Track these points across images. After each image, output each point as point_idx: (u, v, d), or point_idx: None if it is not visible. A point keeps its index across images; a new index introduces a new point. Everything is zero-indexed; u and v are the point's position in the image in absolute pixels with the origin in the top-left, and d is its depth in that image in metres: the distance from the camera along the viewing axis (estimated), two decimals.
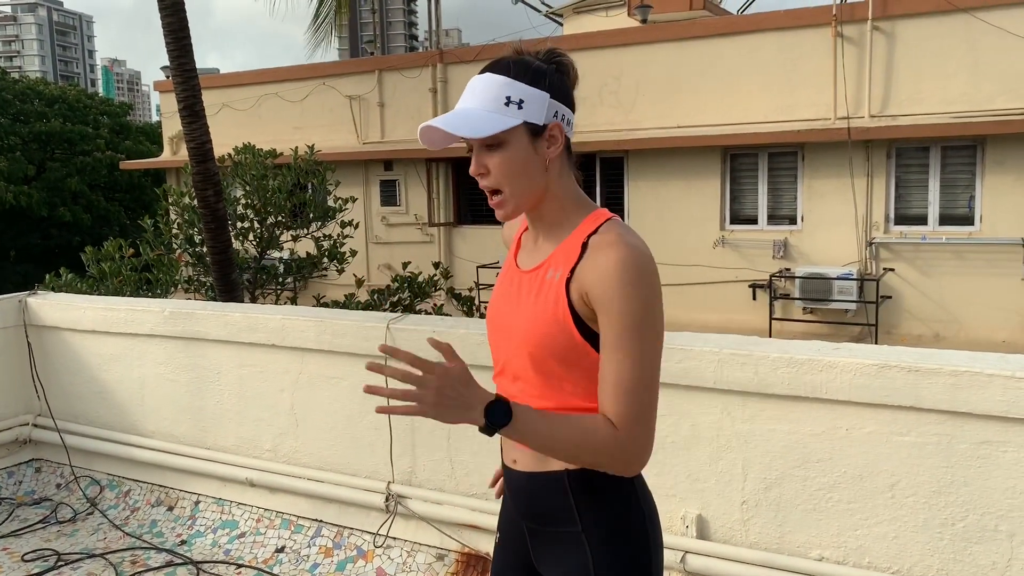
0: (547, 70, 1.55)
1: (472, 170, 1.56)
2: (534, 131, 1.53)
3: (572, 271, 1.51)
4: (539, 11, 17.66)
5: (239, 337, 3.81)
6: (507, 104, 1.51)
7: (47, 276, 7.93)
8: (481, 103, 1.53)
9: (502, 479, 1.80)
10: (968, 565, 2.48)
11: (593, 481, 1.55)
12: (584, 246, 1.52)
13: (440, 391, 1.38)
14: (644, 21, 13.86)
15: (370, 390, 1.40)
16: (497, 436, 1.73)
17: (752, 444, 2.74)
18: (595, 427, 1.46)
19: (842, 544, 2.64)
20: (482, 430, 1.43)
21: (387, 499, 3.44)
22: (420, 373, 1.38)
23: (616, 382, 1.46)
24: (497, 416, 1.41)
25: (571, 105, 1.59)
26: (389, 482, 3.46)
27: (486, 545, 3.24)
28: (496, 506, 2.87)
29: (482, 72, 1.56)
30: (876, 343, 10.06)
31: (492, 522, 3.05)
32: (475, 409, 1.40)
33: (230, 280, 7.35)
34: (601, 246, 1.49)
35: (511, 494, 1.70)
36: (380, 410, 1.40)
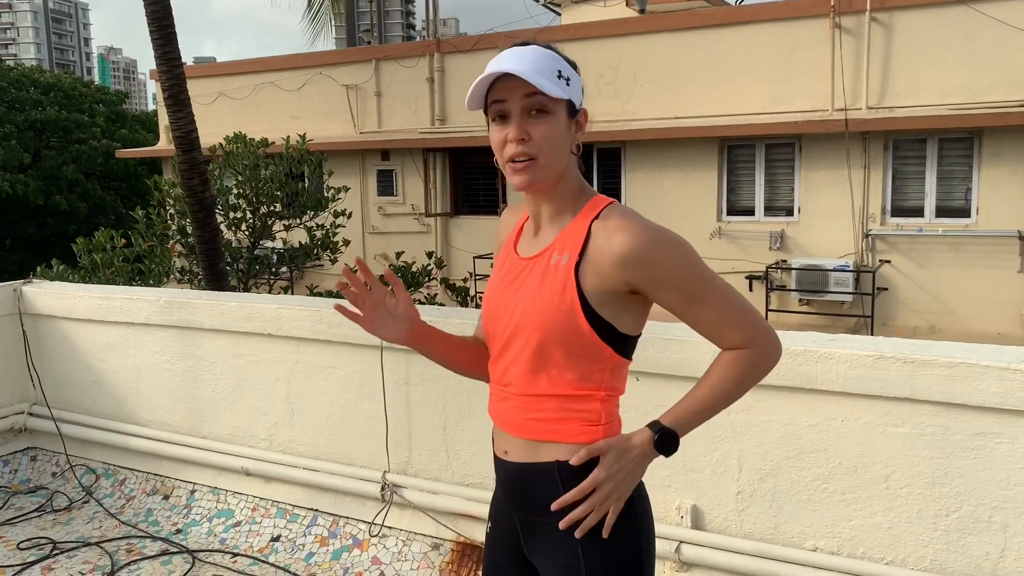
0: (573, 62, 1.60)
1: (513, 135, 1.52)
2: (571, 112, 1.56)
3: (581, 255, 1.52)
4: (537, 0, 17.61)
5: (235, 326, 3.80)
6: (559, 77, 1.53)
7: (38, 267, 7.91)
8: (537, 68, 1.50)
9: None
10: (961, 556, 2.49)
11: (584, 473, 1.55)
12: (589, 230, 1.53)
13: (618, 482, 1.52)
14: (642, 11, 13.82)
15: (566, 524, 1.54)
16: (489, 425, 1.74)
17: (747, 435, 2.74)
18: (732, 366, 1.55)
19: (836, 535, 2.65)
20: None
21: (383, 488, 3.44)
22: (593, 487, 1.51)
23: (718, 322, 1.54)
24: (671, 450, 1.56)
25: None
26: (385, 471, 3.47)
27: (481, 535, 3.25)
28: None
29: (526, 44, 1.55)
30: (872, 335, 10.08)
31: (487, 512, 3.05)
32: (648, 456, 1.55)
33: (217, 269, 7.33)
34: (611, 231, 1.50)
35: (502, 484, 1.70)
36: (608, 533, 1.54)
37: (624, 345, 1.57)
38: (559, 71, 1.53)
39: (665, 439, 1.54)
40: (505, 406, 1.64)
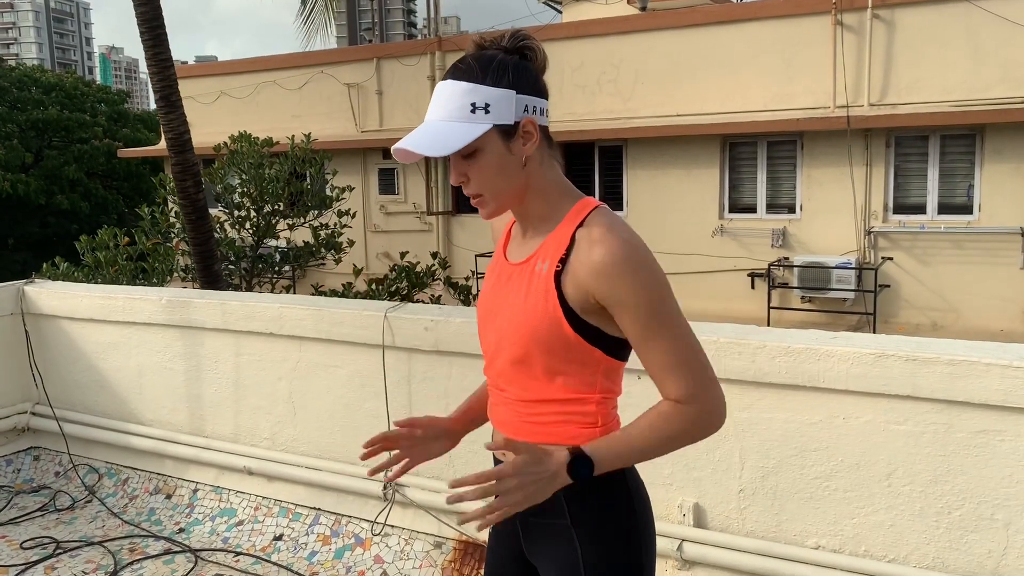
0: (510, 63, 1.51)
1: (452, 180, 1.55)
2: (506, 131, 1.50)
3: (563, 263, 1.50)
4: None
5: (237, 325, 3.80)
6: (473, 111, 1.48)
7: (44, 266, 7.92)
8: (447, 113, 1.49)
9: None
10: (964, 554, 2.49)
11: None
12: (573, 238, 1.50)
13: (521, 485, 1.41)
14: (644, 8, 13.81)
15: (452, 500, 1.48)
16: (488, 423, 1.74)
17: (749, 433, 2.74)
18: (667, 418, 1.47)
19: (838, 532, 2.65)
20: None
21: (385, 487, 3.45)
22: (495, 478, 1.41)
23: (666, 365, 1.47)
24: (583, 473, 1.45)
25: (542, 93, 1.55)
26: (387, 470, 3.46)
27: (483, 533, 3.25)
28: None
29: (445, 78, 1.52)
30: (874, 332, 10.07)
31: None
32: (560, 476, 1.44)
33: (213, 271, 7.31)
34: (592, 242, 1.47)
35: None
36: (482, 525, 1.44)
37: (615, 348, 1.54)
38: (472, 104, 1.48)
39: (579, 464, 1.44)
40: (503, 410, 1.64)
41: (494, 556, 1.77)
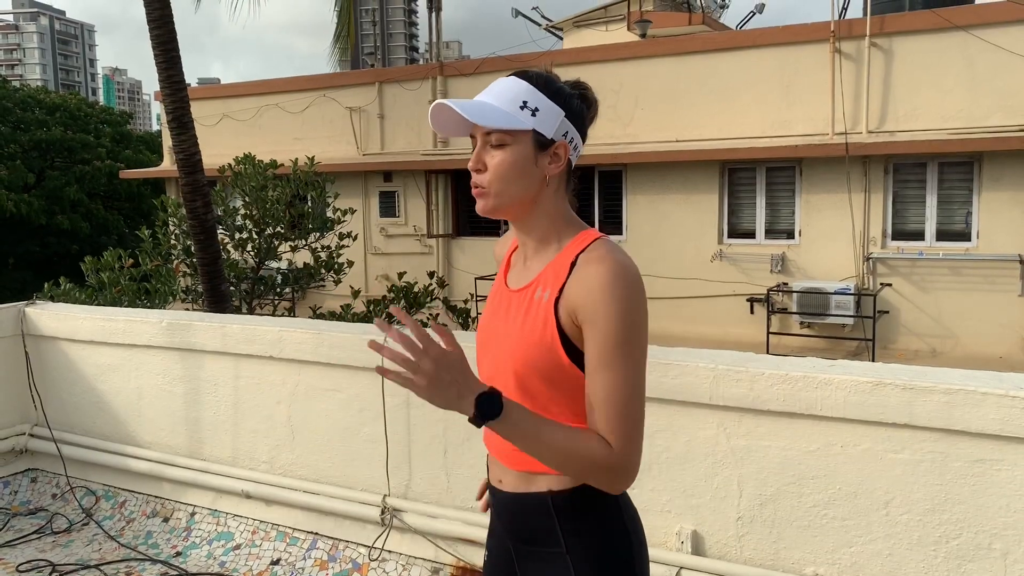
0: (570, 93, 1.58)
1: (471, 164, 1.56)
2: (541, 143, 1.54)
3: (561, 290, 1.51)
4: (539, 24, 17.73)
5: (236, 349, 3.81)
6: (522, 108, 1.52)
7: (45, 285, 7.93)
8: (498, 100, 1.54)
9: (487, 493, 1.81)
10: None
11: (577, 502, 1.55)
12: (573, 265, 1.51)
13: (436, 373, 1.35)
14: (643, 36, 13.93)
15: (373, 346, 1.38)
16: (485, 454, 1.74)
17: (747, 460, 2.75)
18: (587, 438, 1.44)
19: (836, 561, 2.65)
20: (472, 420, 1.40)
21: (383, 512, 3.44)
22: (421, 346, 1.35)
23: (605, 399, 1.45)
24: (488, 408, 1.38)
25: (584, 133, 1.61)
26: (385, 495, 3.46)
27: (481, 559, 3.24)
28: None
29: (507, 76, 1.58)
30: (873, 358, 10.06)
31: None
32: (466, 398, 1.37)
33: (219, 291, 7.35)
34: (589, 262, 1.49)
35: (497, 514, 1.70)
36: (378, 370, 1.37)
37: None
38: (524, 101, 1.52)
39: (490, 402, 1.37)
40: (499, 437, 1.64)
41: None
